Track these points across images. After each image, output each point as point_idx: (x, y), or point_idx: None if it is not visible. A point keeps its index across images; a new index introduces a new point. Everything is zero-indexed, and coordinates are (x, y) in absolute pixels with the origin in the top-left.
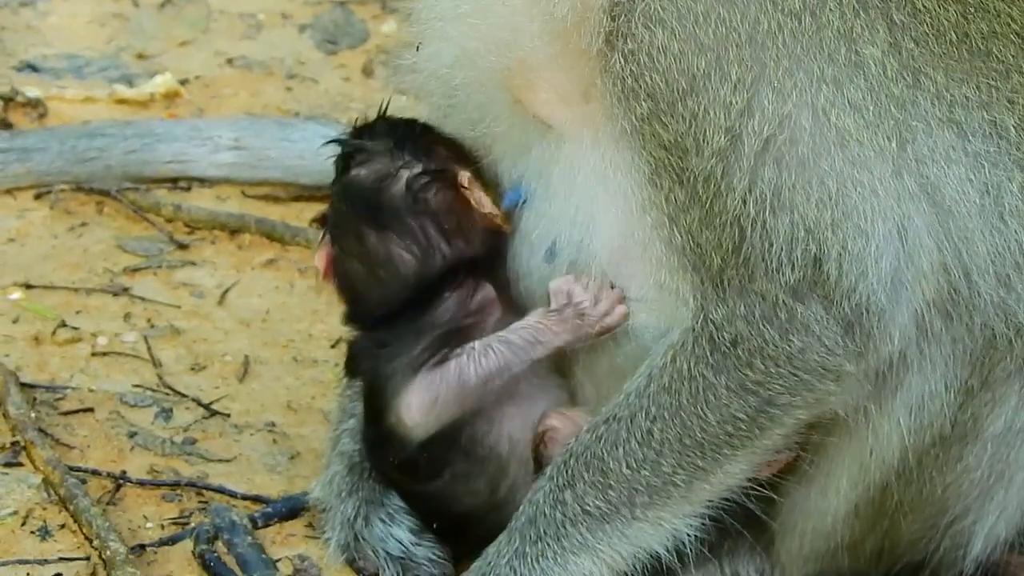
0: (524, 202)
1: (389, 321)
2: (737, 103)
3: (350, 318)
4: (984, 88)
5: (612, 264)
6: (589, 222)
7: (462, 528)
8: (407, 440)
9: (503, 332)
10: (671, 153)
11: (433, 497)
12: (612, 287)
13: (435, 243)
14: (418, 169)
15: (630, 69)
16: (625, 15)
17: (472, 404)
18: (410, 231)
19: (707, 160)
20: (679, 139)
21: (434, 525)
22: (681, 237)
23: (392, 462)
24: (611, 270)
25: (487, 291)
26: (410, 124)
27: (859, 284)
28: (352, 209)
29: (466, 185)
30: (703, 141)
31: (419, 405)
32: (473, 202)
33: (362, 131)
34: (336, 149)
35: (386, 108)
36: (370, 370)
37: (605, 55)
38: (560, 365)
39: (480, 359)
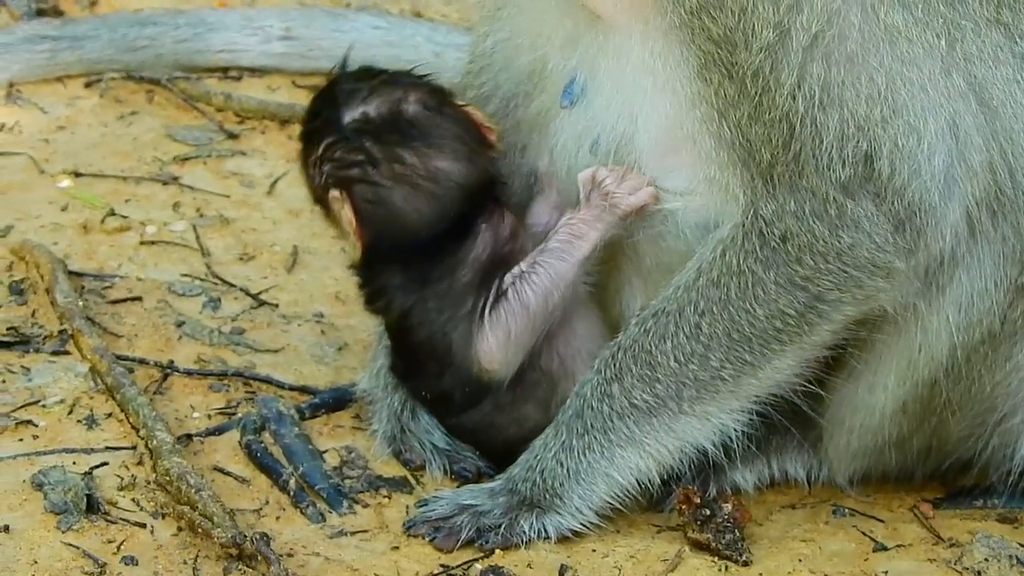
0: (576, 99)
1: (428, 251)
2: None
3: (378, 256)
4: None
5: (658, 157)
6: (635, 115)
7: (505, 456)
8: (495, 383)
9: (541, 245)
10: (720, 47)
11: (471, 430)
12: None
13: (470, 150)
14: (422, 90)
15: None
16: None
17: (542, 324)
18: (444, 142)
19: (756, 55)
20: (728, 33)
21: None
22: (731, 132)
23: (424, 395)
24: (657, 163)
25: (511, 217)
26: (377, 69)
27: (912, 181)
28: (377, 141)
29: (463, 102)
30: (752, 35)
31: (497, 346)
32: (476, 117)
33: (335, 83)
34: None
35: (345, 62)
36: (422, 321)
37: None
38: (606, 268)
39: (531, 278)
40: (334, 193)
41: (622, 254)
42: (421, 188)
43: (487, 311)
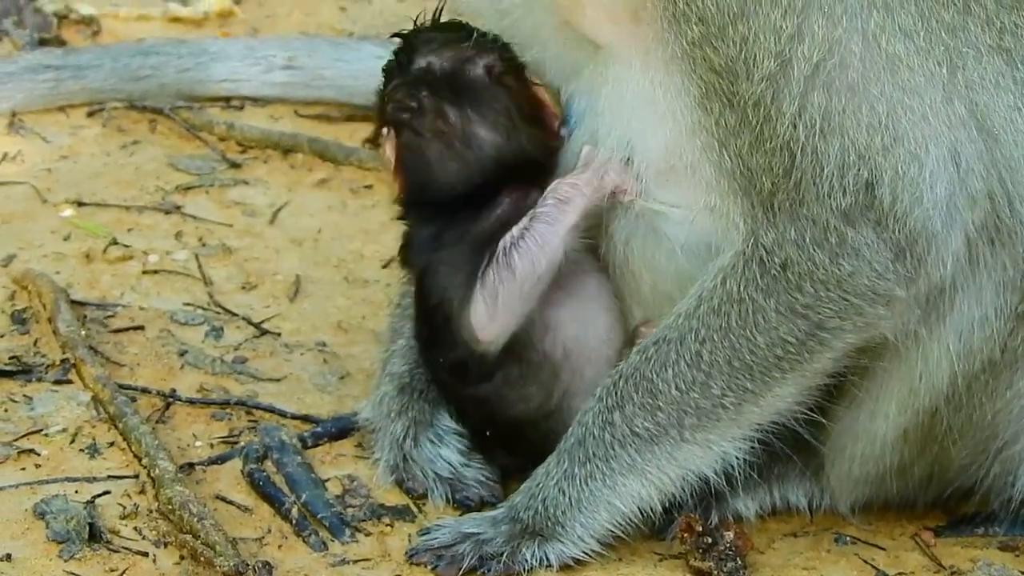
0: (574, 127)
1: (451, 212)
2: (787, 27)
3: (411, 205)
4: None
5: (657, 184)
6: (635, 143)
7: (514, 437)
8: (486, 350)
9: (531, 211)
10: (722, 77)
11: (484, 401)
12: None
13: (514, 126)
14: (493, 56)
15: None
16: None
17: (533, 289)
18: (491, 111)
19: (757, 84)
20: (730, 63)
21: (486, 432)
22: (731, 160)
23: (442, 363)
24: (656, 190)
25: (529, 199)
26: (469, 26)
27: (913, 209)
28: (432, 93)
29: (536, 81)
30: (753, 65)
31: (485, 313)
32: (541, 97)
33: (421, 29)
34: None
35: (440, 11)
36: (433, 280)
37: None
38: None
39: (519, 243)
40: (385, 130)
41: (622, 280)
42: (455, 149)
43: (480, 276)
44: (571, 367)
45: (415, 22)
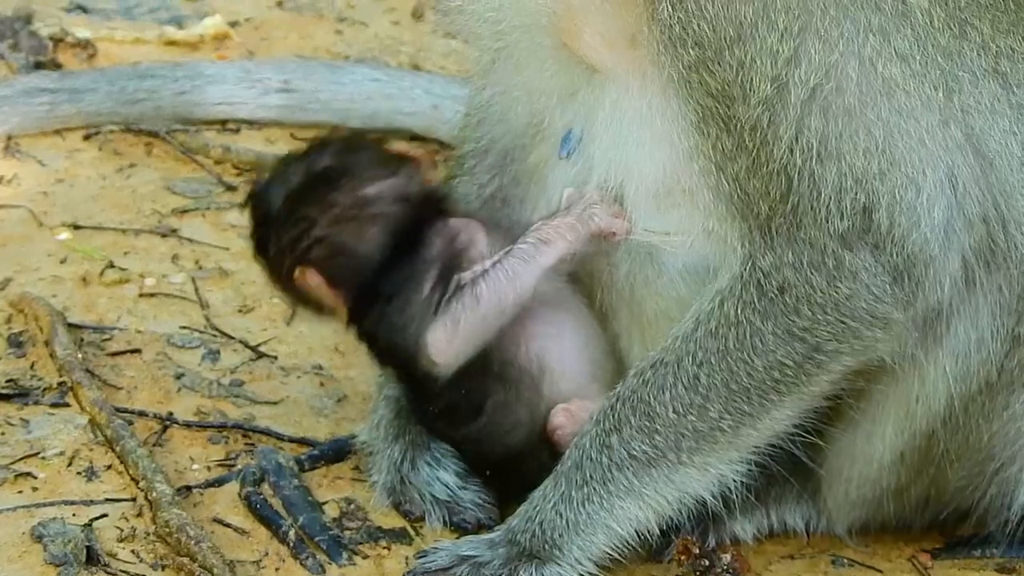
0: (573, 150)
1: (387, 277)
2: (784, 52)
3: (354, 304)
4: None
5: (654, 208)
6: (632, 166)
7: (514, 470)
8: (442, 376)
9: (511, 245)
10: (718, 101)
11: (479, 439)
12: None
13: (390, 170)
14: (331, 148)
15: (678, 16)
16: None
17: (495, 322)
18: (363, 170)
19: (754, 109)
20: (726, 87)
21: (487, 472)
22: (728, 184)
23: (432, 411)
24: (653, 213)
25: (472, 226)
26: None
27: (911, 233)
28: (308, 203)
29: (378, 136)
30: (750, 90)
31: (444, 337)
32: (395, 147)
33: (254, 186)
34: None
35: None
36: (386, 328)
37: (653, 1)
38: (602, 314)
39: (488, 274)
40: (298, 275)
41: (620, 302)
42: (360, 217)
43: (441, 304)
44: (549, 381)
45: (248, 190)
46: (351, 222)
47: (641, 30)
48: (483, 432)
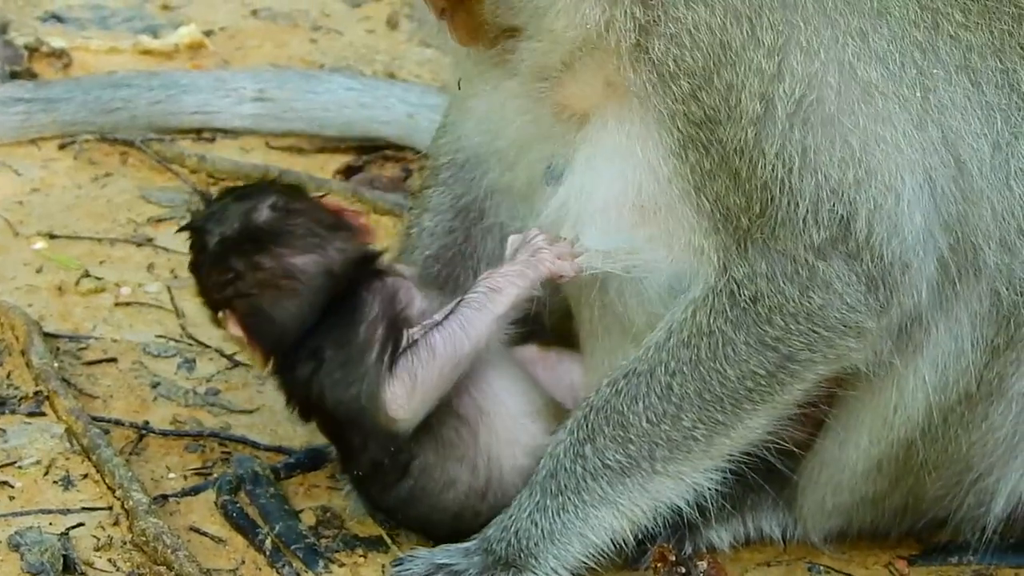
0: (555, 179)
1: (321, 337)
2: (769, 68)
3: (281, 358)
4: (997, 33)
5: (632, 227)
6: (610, 191)
7: (462, 531)
8: (399, 432)
9: (461, 297)
10: (701, 128)
11: (411, 501)
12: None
13: (323, 241)
14: (272, 194)
15: (672, 53)
16: (661, 1)
17: (451, 373)
18: (296, 239)
19: (741, 129)
20: (712, 112)
21: (434, 538)
22: (708, 203)
23: (359, 475)
24: (630, 232)
25: (405, 283)
26: (233, 187)
27: (891, 240)
28: (237, 255)
29: (320, 194)
30: (737, 111)
31: (403, 391)
32: (333, 206)
33: (196, 214)
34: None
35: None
36: (330, 386)
37: (639, 46)
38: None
39: (443, 326)
40: (221, 315)
41: (602, 315)
42: (283, 288)
43: (396, 359)
44: (487, 428)
45: (190, 213)
46: (273, 289)
47: (619, 73)
48: (414, 493)
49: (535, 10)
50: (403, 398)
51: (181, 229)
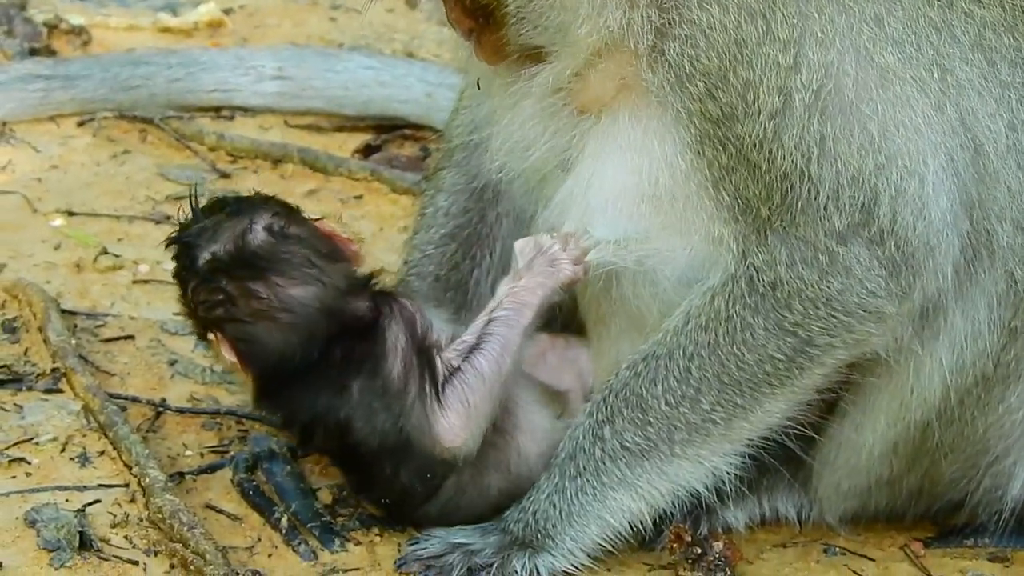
0: (568, 171)
1: (341, 367)
2: (785, 62)
3: (272, 388)
4: (1009, 9)
5: (649, 218)
6: (627, 184)
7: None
8: (457, 460)
9: (483, 315)
10: (718, 125)
11: (441, 516)
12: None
13: (320, 270)
14: (267, 213)
15: (687, 54)
16: (675, 3)
17: (499, 395)
18: (292, 267)
19: (760, 124)
20: (729, 108)
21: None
22: (727, 195)
23: (385, 503)
24: (647, 224)
25: (415, 305)
26: (225, 199)
27: (917, 225)
28: (230, 279)
29: (315, 217)
30: (755, 106)
31: (459, 422)
32: (328, 230)
33: (186, 226)
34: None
35: (195, 200)
36: (363, 416)
37: (655, 48)
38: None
39: (483, 348)
40: (211, 335)
41: (613, 306)
42: (279, 320)
43: (441, 390)
44: (518, 425)
45: (178, 220)
46: (269, 321)
47: (634, 74)
48: (444, 510)
49: (560, 25)
50: (460, 428)
51: (168, 242)
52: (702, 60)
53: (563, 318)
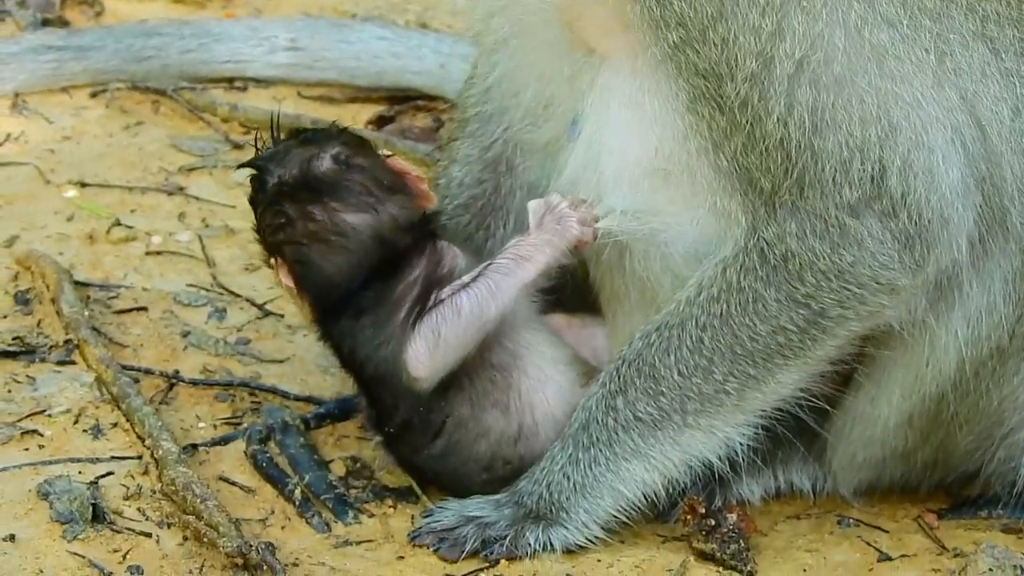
0: (578, 134)
1: (363, 294)
2: (767, 26)
3: (325, 313)
4: (1015, 3)
5: (654, 189)
6: (632, 148)
7: (495, 481)
8: (422, 391)
9: (489, 261)
10: (707, 80)
11: (445, 457)
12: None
13: (379, 201)
14: (337, 144)
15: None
16: None
17: (475, 335)
18: (352, 195)
19: (741, 85)
20: (713, 66)
21: (467, 492)
22: (728, 162)
23: (392, 433)
24: (653, 195)
25: (453, 252)
26: (303, 129)
27: (930, 196)
28: (292, 201)
29: (388, 152)
30: (736, 66)
31: (424, 350)
32: (398, 166)
33: (263, 151)
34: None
35: (274, 126)
36: (362, 343)
37: None
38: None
39: (470, 288)
40: (273, 263)
41: (626, 280)
42: (333, 243)
43: (420, 318)
44: (518, 365)
45: (255, 146)
46: (322, 243)
47: (630, 13)
48: (448, 450)
49: None
50: (424, 356)
51: (242, 165)
52: (674, 7)
53: (578, 297)
